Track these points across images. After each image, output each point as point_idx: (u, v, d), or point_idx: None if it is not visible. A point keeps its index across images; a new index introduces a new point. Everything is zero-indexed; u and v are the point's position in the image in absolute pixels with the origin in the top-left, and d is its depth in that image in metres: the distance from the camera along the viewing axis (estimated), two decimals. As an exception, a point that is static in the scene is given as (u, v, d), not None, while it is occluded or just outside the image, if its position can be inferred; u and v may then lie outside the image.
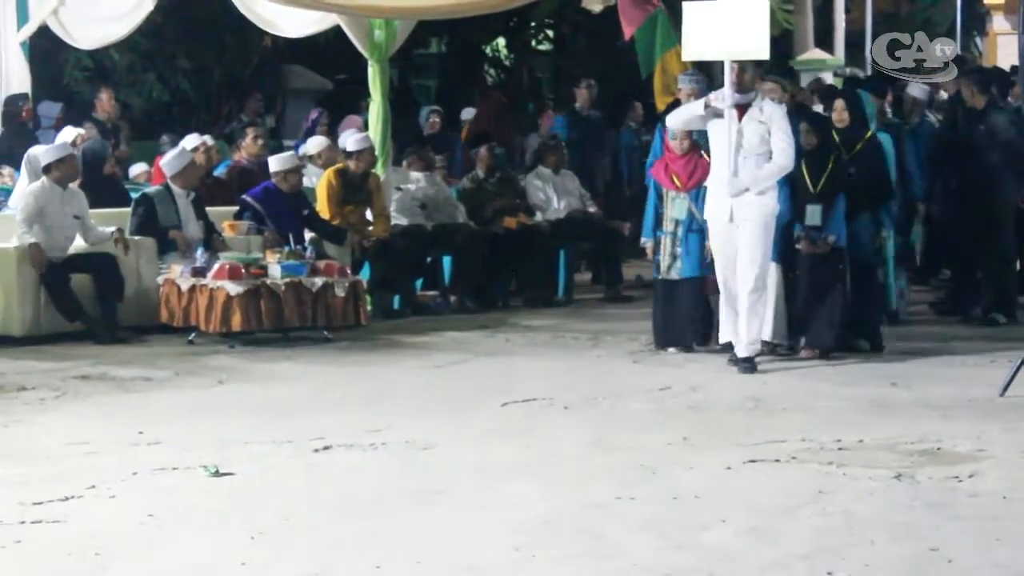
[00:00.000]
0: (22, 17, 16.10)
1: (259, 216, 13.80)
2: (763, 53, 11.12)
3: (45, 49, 17.56)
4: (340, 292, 12.64)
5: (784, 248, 11.52)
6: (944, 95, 15.63)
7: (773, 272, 11.47)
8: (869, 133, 12.22)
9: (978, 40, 27.85)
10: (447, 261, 15.02)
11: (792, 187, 11.52)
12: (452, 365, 11.59)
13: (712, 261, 11.45)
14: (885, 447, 8.48)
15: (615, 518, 7.03)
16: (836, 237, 11.55)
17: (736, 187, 11.06)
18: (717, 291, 11.42)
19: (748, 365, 11.08)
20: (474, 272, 14.87)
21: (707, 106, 11.20)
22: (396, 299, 14.50)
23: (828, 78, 18.94)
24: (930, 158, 14.30)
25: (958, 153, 13.81)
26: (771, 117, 11.14)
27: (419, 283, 15.07)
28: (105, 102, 17.28)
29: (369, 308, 13.26)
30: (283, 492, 7.55)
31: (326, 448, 8.50)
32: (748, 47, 11.09)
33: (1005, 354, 11.12)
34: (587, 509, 7.20)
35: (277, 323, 12.51)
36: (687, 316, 11.93)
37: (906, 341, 12.37)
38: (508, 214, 15.38)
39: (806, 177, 11.56)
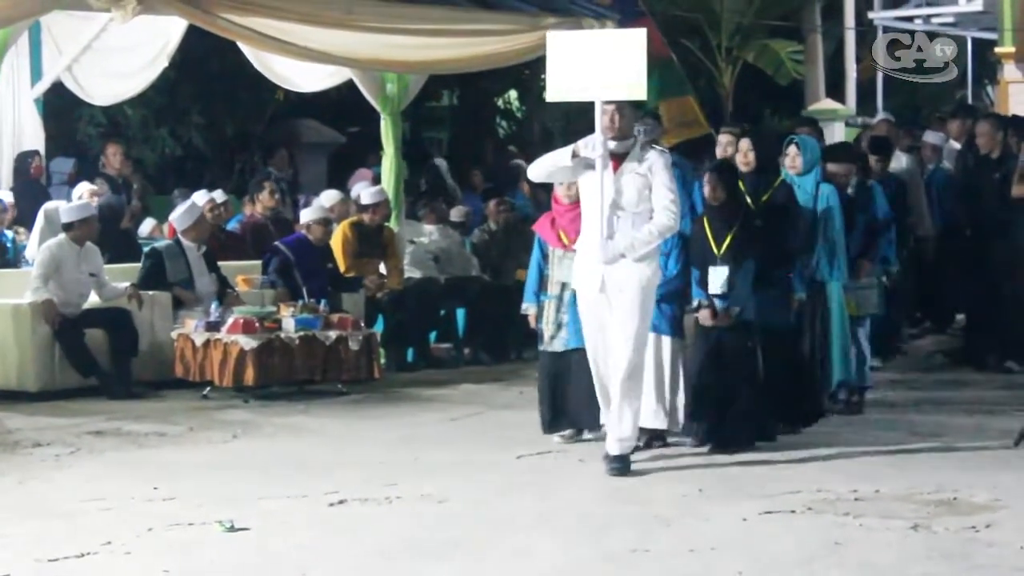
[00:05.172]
0: (36, 73, 16.13)
1: (287, 263, 13.75)
2: (639, 93, 9.32)
3: (59, 105, 17.63)
4: (354, 346, 12.63)
5: (677, 320, 10.01)
6: (955, 144, 15.63)
7: (668, 348, 9.99)
8: (779, 179, 10.53)
9: (989, 89, 27.91)
10: (461, 314, 15.03)
11: (687, 249, 10.01)
12: (466, 418, 11.58)
13: None
14: (901, 497, 8.45)
15: (631, 571, 7.00)
16: (741, 308, 9.87)
17: (610, 252, 9.18)
18: None
19: (619, 466, 9.25)
20: (488, 325, 14.88)
21: (575, 155, 9.30)
22: (410, 352, 14.51)
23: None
24: (942, 203, 14.32)
25: (972, 200, 13.81)
26: (652, 168, 9.26)
27: (433, 336, 15.08)
28: (111, 157, 17.31)
29: (383, 361, 13.26)
30: (298, 547, 7.53)
31: (341, 502, 8.48)
32: (623, 86, 9.24)
33: (1020, 403, 11.09)
34: (603, 562, 7.17)
35: (290, 377, 12.52)
36: (577, 393, 10.11)
37: (920, 391, 12.35)
38: (521, 266, 15.37)
39: (709, 237, 9.93)
